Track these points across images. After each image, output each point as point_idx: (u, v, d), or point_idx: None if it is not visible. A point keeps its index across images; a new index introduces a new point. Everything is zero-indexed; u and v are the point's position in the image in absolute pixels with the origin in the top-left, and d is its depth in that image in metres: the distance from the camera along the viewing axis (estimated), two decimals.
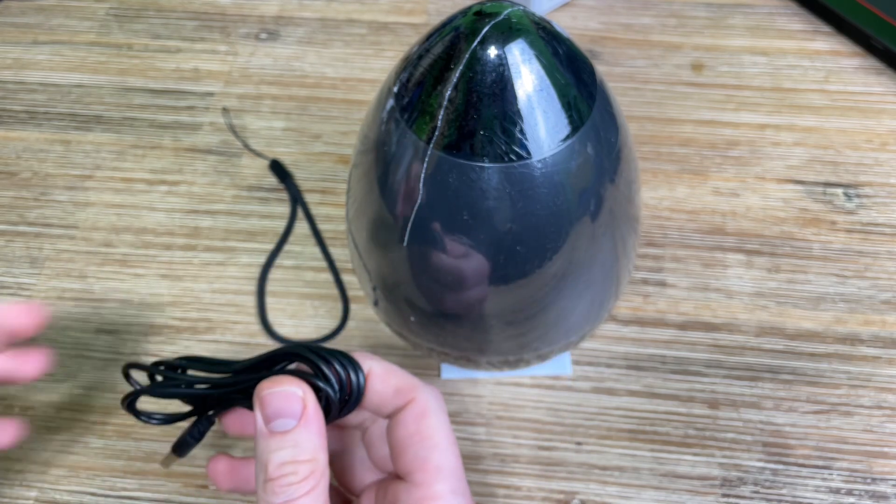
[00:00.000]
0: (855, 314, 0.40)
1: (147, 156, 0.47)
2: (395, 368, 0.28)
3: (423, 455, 0.26)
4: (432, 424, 0.26)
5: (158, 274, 0.42)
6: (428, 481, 0.25)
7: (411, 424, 0.26)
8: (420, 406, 0.27)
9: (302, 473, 0.25)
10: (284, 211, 0.44)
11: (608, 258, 0.29)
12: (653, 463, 0.35)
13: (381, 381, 0.27)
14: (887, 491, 0.34)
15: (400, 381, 0.27)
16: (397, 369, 0.28)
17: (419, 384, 0.27)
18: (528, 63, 0.24)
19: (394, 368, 0.28)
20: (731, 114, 0.48)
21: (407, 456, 0.26)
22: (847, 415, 0.36)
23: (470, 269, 0.27)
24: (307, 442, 0.25)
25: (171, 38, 0.54)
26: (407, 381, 0.27)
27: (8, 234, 0.44)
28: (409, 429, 0.26)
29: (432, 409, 0.27)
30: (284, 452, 0.25)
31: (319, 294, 0.41)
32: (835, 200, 0.44)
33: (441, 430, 0.26)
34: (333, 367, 0.26)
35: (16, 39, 0.54)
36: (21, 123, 0.49)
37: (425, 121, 0.25)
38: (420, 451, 0.26)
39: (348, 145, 0.47)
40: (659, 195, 0.44)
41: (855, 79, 0.50)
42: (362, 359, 0.28)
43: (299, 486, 0.25)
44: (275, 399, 0.25)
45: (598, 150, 0.26)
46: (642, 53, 0.52)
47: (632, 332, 0.39)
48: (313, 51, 0.53)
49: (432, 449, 0.26)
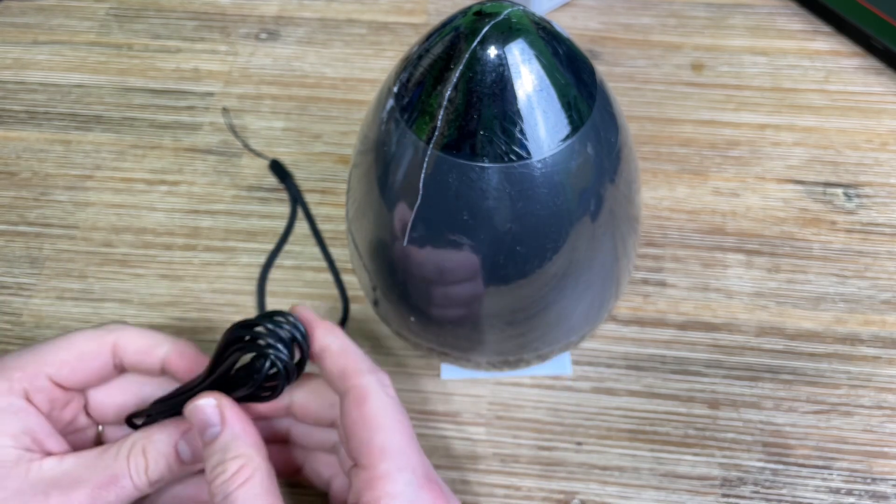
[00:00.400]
0: (855, 314, 0.40)
1: (147, 156, 0.47)
2: (352, 350, 0.29)
3: (367, 437, 0.26)
4: (373, 407, 0.27)
5: (158, 274, 0.42)
6: (373, 462, 0.26)
7: (353, 411, 0.27)
8: (359, 391, 0.27)
9: (231, 469, 0.26)
10: (284, 211, 0.44)
11: (608, 258, 0.29)
12: (653, 463, 0.35)
13: (331, 359, 0.28)
14: (887, 491, 0.34)
15: (347, 363, 0.28)
16: (353, 351, 0.28)
17: (363, 369, 0.28)
18: (528, 63, 0.24)
19: (350, 350, 0.28)
20: (731, 114, 0.48)
21: (353, 441, 0.27)
22: (847, 415, 0.36)
23: (470, 270, 0.27)
24: (232, 442, 0.27)
25: (171, 38, 0.54)
26: (354, 364, 0.28)
27: (8, 234, 0.44)
28: (353, 415, 0.27)
29: (372, 392, 0.27)
30: (215, 457, 0.27)
31: (320, 294, 0.41)
32: (835, 200, 0.44)
33: (383, 411, 0.27)
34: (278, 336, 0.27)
35: (16, 39, 0.54)
36: (21, 123, 0.49)
37: (425, 121, 0.25)
38: (363, 434, 0.27)
39: (348, 145, 0.47)
40: (659, 195, 0.44)
41: (855, 79, 0.50)
42: (324, 333, 0.29)
43: (230, 481, 0.26)
44: (196, 414, 0.28)
45: (598, 150, 0.26)
46: (642, 53, 0.52)
47: (632, 332, 0.39)
48: (313, 51, 0.53)
49: (375, 430, 0.26)
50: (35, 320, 0.40)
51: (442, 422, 0.36)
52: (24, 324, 0.40)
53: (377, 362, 0.38)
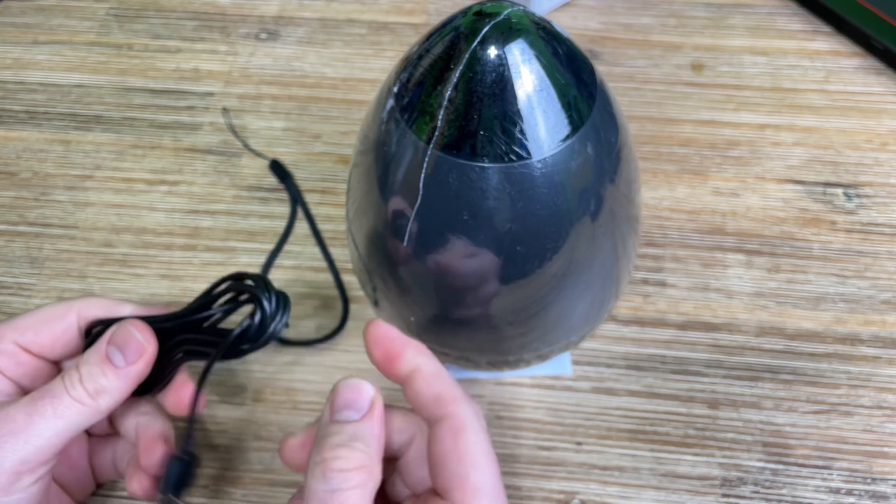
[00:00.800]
0: (855, 314, 0.40)
1: (147, 156, 0.47)
2: (445, 374, 0.27)
3: (462, 473, 0.25)
4: (470, 441, 0.25)
5: (158, 274, 0.42)
6: (465, 501, 0.25)
7: (448, 440, 0.25)
8: (458, 421, 0.26)
9: (354, 462, 0.24)
10: (284, 211, 0.44)
11: (608, 258, 0.29)
12: (653, 463, 0.35)
13: (425, 382, 0.27)
14: (887, 491, 0.34)
15: (443, 389, 0.26)
16: (446, 376, 0.27)
17: (460, 397, 0.26)
18: (528, 63, 0.24)
19: (443, 374, 0.27)
20: (731, 114, 0.48)
21: (445, 473, 0.25)
22: (847, 415, 0.36)
23: (470, 270, 0.27)
24: (366, 436, 0.25)
25: (171, 38, 0.54)
26: (449, 391, 0.26)
27: (8, 234, 0.44)
28: (446, 445, 0.25)
29: (470, 425, 0.26)
30: (340, 437, 0.25)
31: (320, 294, 0.41)
32: (835, 200, 0.44)
33: (480, 447, 0.26)
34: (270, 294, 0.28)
35: (16, 39, 0.54)
36: (21, 123, 0.49)
37: (425, 121, 0.25)
38: (458, 468, 0.25)
39: (348, 145, 0.47)
40: (659, 195, 0.44)
41: (855, 79, 0.50)
42: (415, 353, 0.27)
43: (348, 474, 0.24)
44: (347, 390, 0.26)
45: (598, 150, 0.26)
46: (642, 53, 0.52)
47: (632, 332, 0.39)
48: (313, 51, 0.53)
49: (471, 467, 0.25)
50: None
51: None
52: None
53: None
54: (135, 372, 0.29)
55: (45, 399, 0.27)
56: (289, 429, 0.36)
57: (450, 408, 0.26)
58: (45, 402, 0.27)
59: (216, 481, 0.35)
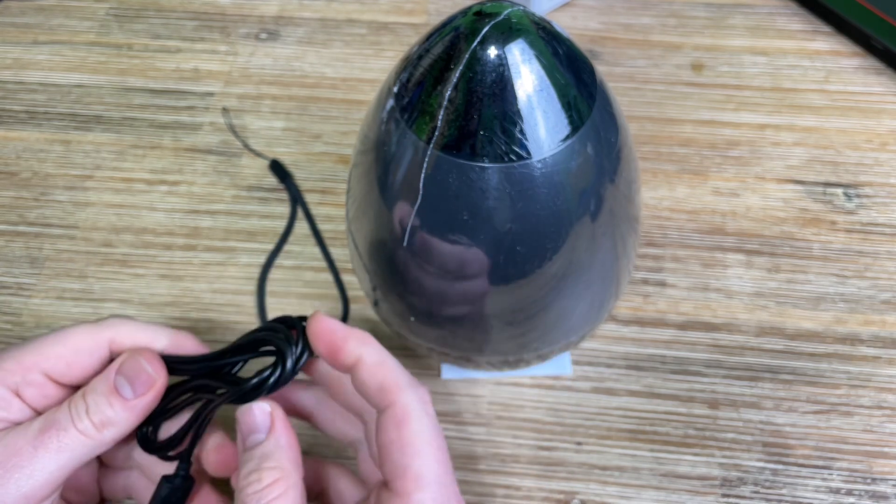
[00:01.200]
0: (855, 314, 0.40)
1: (147, 156, 0.47)
2: (389, 362, 0.27)
3: (404, 463, 0.25)
4: (413, 430, 0.25)
5: (158, 274, 0.42)
6: (407, 490, 0.25)
7: (392, 430, 0.26)
8: (400, 410, 0.26)
9: (266, 480, 0.25)
10: (284, 211, 0.44)
11: (608, 258, 0.29)
12: (653, 463, 0.35)
13: (368, 372, 0.27)
14: (887, 491, 0.34)
15: (386, 377, 0.27)
16: (390, 363, 0.27)
17: (404, 385, 0.26)
18: (528, 63, 0.24)
19: (386, 362, 0.27)
20: (731, 114, 0.48)
21: (388, 463, 0.26)
22: (847, 415, 0.36)
23: (469, 270, 0.27)
24: (275, 452, 0.26)
25: (171, 38, 0.54)
26: (393, 378, 0.26)
27: (8, 234, 0.44)
28: (390, 435, 0.26)
29: (413, 413, 0.26)
30: (251, 463, 0.26)
31: (319, 294, 0.41)
32: (835, 200, 0.44)
33: (422, 435, 0.26)
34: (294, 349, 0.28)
35: (16, 39, 0.54)
36: (21, 123, 0.49)
37: (425, 121, 0.25)
38: (400, 458, 0.25)
39: (348, 145, 0.47)
40: (659, 195, 0.44)
41: (855, 79, 0.50)
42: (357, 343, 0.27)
43: (263, 492, 0.25)
44: (245, 416, 0.27)
45: (598, 150, 0.26)
46: (642, 53, 0.52)
47: (632, 332, 0.39)
48: (313, 51, 0.53)
49: (413, 456, 0.25)
50: (35, 320, 0.40)
51: (442, 422, 0.36)
52: (24, 324, 0.40)
53: None
54: (143, 404, 0.28)
55: (51, 431, 0.27)
56: None
57: (393, 396, 0.26)
58: (51, 435, 0.27)
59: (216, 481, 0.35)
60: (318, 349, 0.28)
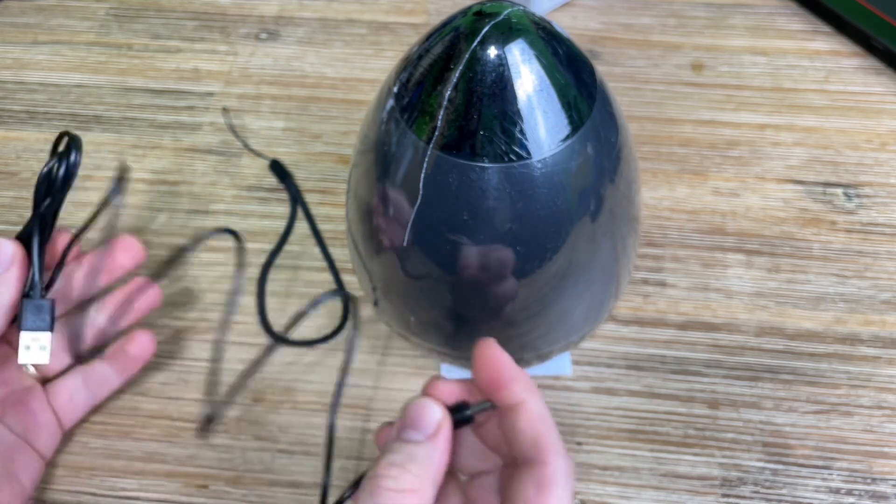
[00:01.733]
0: (855, 314, 0.40)
1: (147, 156, 0.47)
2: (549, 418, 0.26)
3: None
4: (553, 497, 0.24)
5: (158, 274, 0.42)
6: None
7: (531, 489, 0.24)
8: (549, 474, 0.24)
9: (403, 484, 0.24)
10: (284, 211, 0.44)
11: (608, 258, 0.29)
12: (653, 463, 0.35)
13: (528, 421, 0.25)
14: (887, 491, 0.34)
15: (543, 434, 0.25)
16: (549, 420, 0.26)
17: (559, 450, 0.25)
18: (528, 63, 0.24)
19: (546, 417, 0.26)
20: (731, 114, 0.48)
21: None
22: (847, 415, 0.36)
23: (469, 270, 0.27)
24: (423, 460, 0.25)
25: (171, 38, 0.54)
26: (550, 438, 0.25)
27: (8, 234, 0.44)
28: (528, 493, 0.24)
29: (559, 483, 0.24)
30: (398, 455, 0.25)
31: (320, 294, 0.41)
32: (835, 200, 0.44)
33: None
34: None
35: (16, 39, 0.54)
36: (21, 123, 0.49)
37: (425, 121, 0.25)
38: None
39: (348, 145, 0.47)
40: (659, 195, 0.44)
41: (855, 79, 0.50)
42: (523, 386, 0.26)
43: (396, 495, 0.24)
44: (415, 409, 0.26)
45: (598, 150, 0.26)
46: (642, 53, 0.52)
47: (632, 332, 0.39)
48: (313, 51, 0.53)
49: None
50: None
51: None
52: None
53: (377, 362, 0.38)
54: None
55: None
56: (288, 429, 0.36)
57: (547, 457, 0.25)
58: None
59: (216, 481, 0.35)
60: (480, 378, 0.26)
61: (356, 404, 0.37)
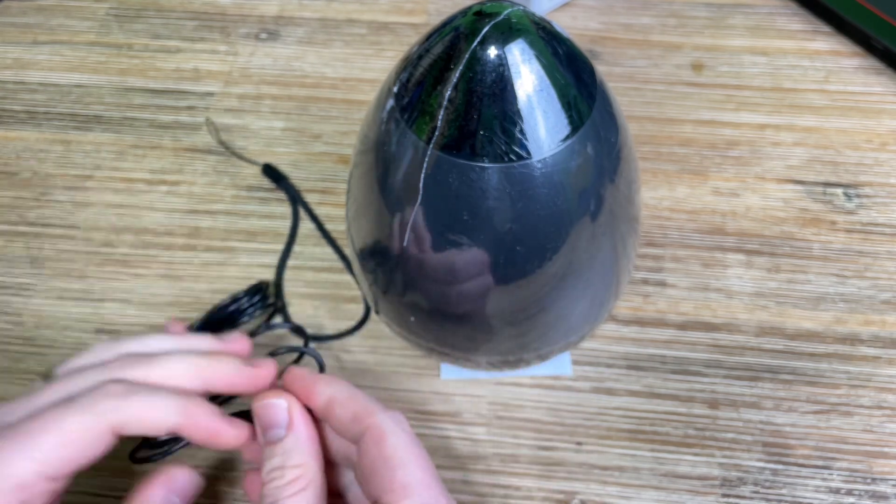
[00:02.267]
0: (855, 314, 0.40)
1: (147, 156, 0.47)
2: (359, 395, 0.29)
3: (388, 476, 0.26)
4: (391, 444, 0.26)
5: (158, 274, 0.42)
6: (396, 499, 0.25)
7: (372, 449, 0.27)
8: (376, 430, 0.27)
9: (288, 477, 0.27)
10: (285, 211, 0.44)
11: (608, 258, 0.29)
12: (653, 463, 0.35)
13: (341, 406, 0.28)
14: (887, 491, 0.34)
15: (358, 407, 0.28)
16: (361, 396, 0.29)
17: (376, 409, 0.28)
18: (528, 63, 0.24)
19: (357, 395, 0.28)
20: (731, 114, 0.48)
21: (374, 481, 0.26)
22: (847, 415, 0.36)
23: (469, 270, 0.27)
24: (295, 448, 0.27)
25: (171, 38, 0.54)
26: (365, 406, 0.28)
27: (8, 234, 0.44)
28: (371, 454, 0.27)
29: (389, 429, 0.27)
30: (275, 459, 0.27)
31: (319, 294, 0.41)
32: (835, 200, 0.44)
33: (401, 447, 0.26)
34: None
35: (16, 39, 0.54)
36: (21, 123, 0.49)
37: (425, 121, 0.25)
38: (384, 472, 0.26)
39: (348, 145, 0.47)
40: (659, 195, 0.44)
41: (855, 79, 0.50)
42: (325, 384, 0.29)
43: (284, 488, 0.26)
44: (264, 410, 0.28)
45: (598, 150, 0.26)
46: (642, 53, 0.52)
47: (632, 332, 0.39)
48: (313, 51, 0.53)
49: (395, 468, 0.26)
50: (35, 320, 0.40)
51: (442, 422, 0.36)
52: (24, 324, 0.40)
53: (377, 363, 0.38)
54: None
55: None
56: None
57: (367, 420, 0.27)
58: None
59: (216, 482, 0.35)
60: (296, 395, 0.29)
61: None
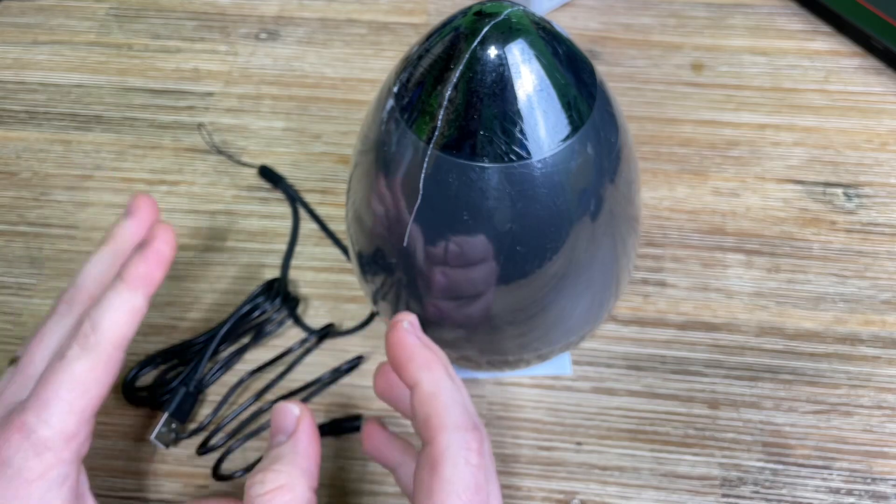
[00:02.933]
0: (855, 314, 0.40)
1: (147, 156, 0.47)
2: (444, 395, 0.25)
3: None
4: (443, 477, 0.23)
5: None
6: None
7: (424, 471, 0.24)
8: (436, 451, 0.24)
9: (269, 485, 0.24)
10: (284, 211, 0.44)
11: (608, 258, 0.29)
12: (653, 463, 0.35)
13: (418, 401, 0.25)
14: (887, 491, 0.34)
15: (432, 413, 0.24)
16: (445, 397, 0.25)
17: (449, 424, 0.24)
18: (528, 63, 0.24)
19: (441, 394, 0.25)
20: (731, 114, 0.48)
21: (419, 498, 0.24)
22: (847, 415, 0.36)
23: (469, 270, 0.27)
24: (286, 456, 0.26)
25: (171, 38, 0.54)
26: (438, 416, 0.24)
27: (8, 234, 0.44)
28: (422, 475, 0.24)
29: (449, 458, 0.23)
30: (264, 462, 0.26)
31: (319, 294, 0.41)
32: (835, 200, 0.44)
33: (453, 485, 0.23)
34: None
35: (16, 39, 0.54)
36: (21, 123, 0.49)
37: (425, 121, 0.25)
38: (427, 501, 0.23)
39: (348, 145, 0.47)
40: (659, 195, 0.44)
41: (855, 79, 0.50)
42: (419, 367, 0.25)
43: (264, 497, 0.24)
44: (275, 415, 0.27)
45: (598, 150, 0.26)
46: (642, 53, 0.52)
47: (632, 332, 0.39)
48: (313, 51, 0.53)
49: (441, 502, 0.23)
50: (35, 320, 0.40)
51: None
52: (24, 324, 0.40)
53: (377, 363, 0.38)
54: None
55: None
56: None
57: (433, 435, 0.24)
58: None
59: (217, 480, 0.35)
60: (389, 360, 0.26)
61: (356, 404, 0.37)
